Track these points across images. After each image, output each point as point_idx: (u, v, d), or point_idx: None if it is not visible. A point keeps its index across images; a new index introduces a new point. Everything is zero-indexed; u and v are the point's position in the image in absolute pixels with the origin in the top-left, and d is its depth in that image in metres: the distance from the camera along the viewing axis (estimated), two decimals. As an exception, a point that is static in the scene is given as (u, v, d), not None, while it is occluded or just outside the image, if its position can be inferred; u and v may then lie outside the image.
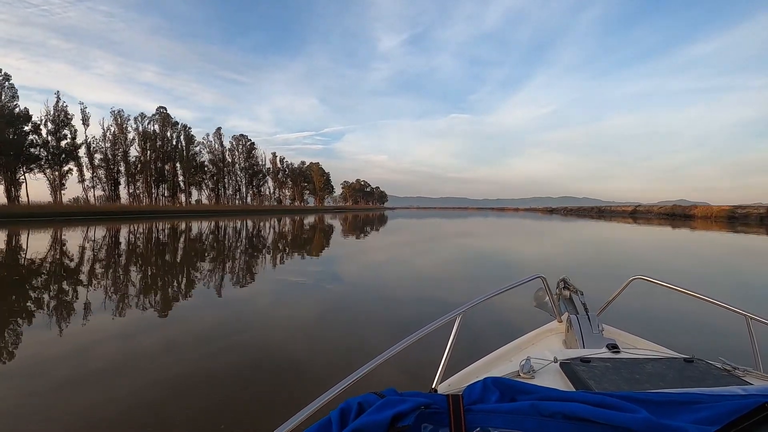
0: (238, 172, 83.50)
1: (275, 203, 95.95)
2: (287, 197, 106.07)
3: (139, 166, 61.86)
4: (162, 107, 66.53)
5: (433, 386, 1.27)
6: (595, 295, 2.18)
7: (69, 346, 3.72)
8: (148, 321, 4.59)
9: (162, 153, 64.93)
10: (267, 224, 29.65)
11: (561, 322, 1.97)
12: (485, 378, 0.81)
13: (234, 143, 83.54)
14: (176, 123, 67.54)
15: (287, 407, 2.46)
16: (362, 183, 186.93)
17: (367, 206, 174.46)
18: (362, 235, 19.81)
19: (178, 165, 67.87)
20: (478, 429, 0.71)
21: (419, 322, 1.26)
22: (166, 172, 65.91)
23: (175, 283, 7.10)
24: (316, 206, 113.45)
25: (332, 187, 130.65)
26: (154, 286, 6.73)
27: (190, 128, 69.59)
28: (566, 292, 2.02)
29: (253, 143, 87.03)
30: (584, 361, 1.14)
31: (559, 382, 1.06)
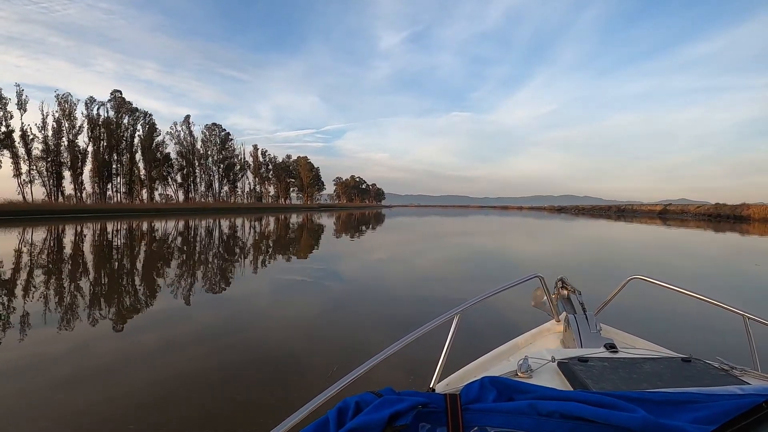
0: (211, 166, 73.64)
1: (256, 200, 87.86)
2: (270, 194, 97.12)
3: (86, 157, 52.63)
4: (117, 90, 56.47)
5: (431, 385, 1.27)
6: (593, 295, 2.18)
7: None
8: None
9: (115, 142, 55.23)
10: (224, 224, 26.08)
11: (559, 321, 1.97)
12: (483, 377, 0.80)
13: (206, 133, 72.96)
14: (135, 109, 58.08)
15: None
16: (357, 179, 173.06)
17: (361, 204, 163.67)
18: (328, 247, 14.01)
19: (139, 157, 59.29)
20: (475, 428, 0.70)
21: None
22: (121, 164, 57.23)
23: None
24: (303, 204, 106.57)
25: (322, 183, 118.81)
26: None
27: (151, 115, 60.49)
28: (564, 292, 2.02)
29: (228, 133, 76.65)
30: (582, 360, 1.14)
31: (557, 382, 1.06)
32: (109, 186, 56.95)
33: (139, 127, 59.47)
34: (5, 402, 2.74)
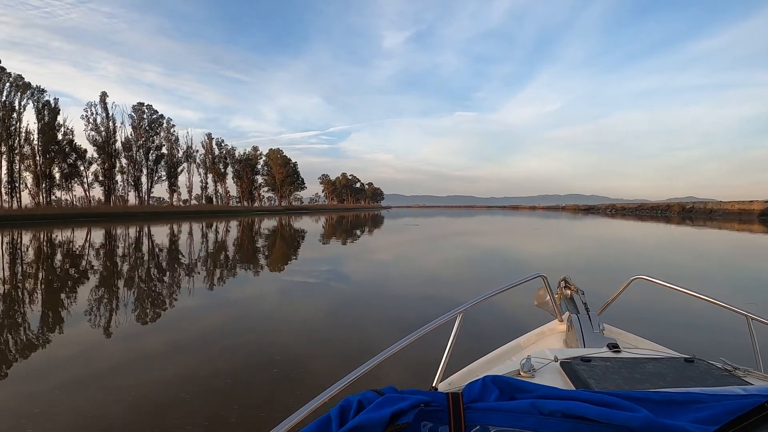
0: (140, 158, 56.21)
1: (206, 201, 69.68)
2: (231, 195, 77.82)
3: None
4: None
5: (433, 384, 1.27)
6: (596, 295, 2.18)
7: None
8: None
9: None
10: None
11: (562, 321, 1.97)
12: (485, 376, 0.81)
13: (135, 116, 55.34)
14: (26, 85, 42.22)
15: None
16: (350, 177, 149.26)
17: (354, 206, 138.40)
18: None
19: (25, 145, 42.74)
20: (477, 427, 0.71)
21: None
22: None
23: None
24: (272, 206, 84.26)
25: (301, 180, 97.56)
26: None
27: (44, 90, 43.84)
28: (567, 292, 2.02)
29: (161, 115, 58.15)
30: (585, 360, 1.14)
31: (559, 381, 1.05)
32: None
33: (32, 107, 42.83)
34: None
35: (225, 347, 3.86)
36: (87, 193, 52.27)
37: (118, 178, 54.37)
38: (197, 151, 68.24)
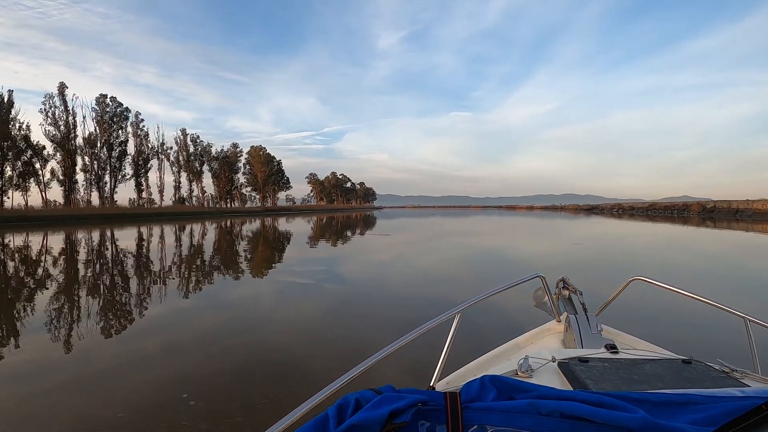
0: (105, 155, 49.75)
1: (177, 202, 61.81)
2: (207, 194, 70.27)
3: None
4: None
5: (431, 384, 1.27)
6: (595, 296, 2.18)
7: None
8: None
9: None
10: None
11: (560, 321, 1.97)
12: (483, 376, 0.81)
13: (99, 110, 49.52)
14: None
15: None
16: (340, 177, 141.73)
17: (344, 206, 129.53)
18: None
19: None
20: (475, 427, 0.71)
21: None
22: None
23: None
24: (249, 207, 75.77)
25: (287, 180, 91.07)
26: None
27: None
28: (565, 292, 2.02)
29: (126, 108, 52.15)
30: (582, 360, 1.14)
31: (557, 382, 1.06)
32: None
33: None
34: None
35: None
36: (43, 194, 45.81)
37: (80, 177, 48.21)
38: (171, 148, 61.61)
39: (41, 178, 45.92)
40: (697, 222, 30.97)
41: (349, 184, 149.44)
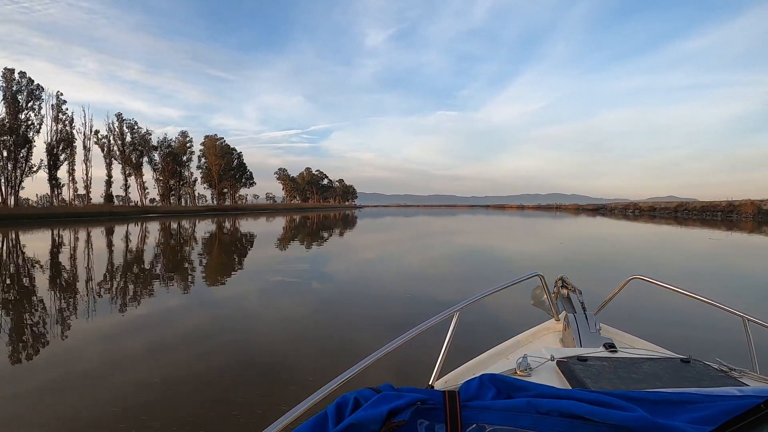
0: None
1: (105, 200, 50.34)
2: (147, 191, 58.14)
3: None
4: None
5: (430, 382, 1.28)
6: (593, 295, 2.18)
7: None
8: None
9: None
10: None
11: (558, 320, 1.97)
12: (481, 375, 0.81)
13: (4, 86, 39.12)
14: None
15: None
16: (316, 173, 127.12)
17: (322, 205, 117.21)
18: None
19: None
20: (473, 425, 0.71)
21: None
22: None
23: None
24: (184, 207, 60.20)
25: (250, 175, 78.61)
26: None
27: None
28: (564, 291, 2.02)
29: (39, 86, 41.65)
30: (581, 359, 1.14)
31: (556, 380, 1.06)
32: None
33: None
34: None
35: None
36: None
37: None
38: (105, 136, 50.92)
39: None
40: (751, 227, 23.80)
41: (326, 181, 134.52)
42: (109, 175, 51.87)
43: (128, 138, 54.82)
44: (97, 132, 50.58)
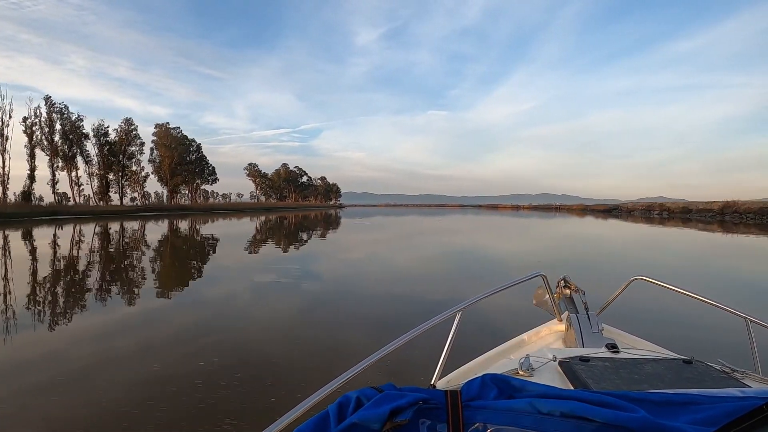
0: None
1: (22, 198, 38.34)
2: (80, 188, 49.33)
3: None
4: None
5: (432, 382, 1.28)
6: (596, 295, 2.18)
7: None
8: None
9: None
10: None
11: (561, 320, 1.97)
12: (484, 375, 0.81)
13: None
14: None
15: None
16: (293, 170, 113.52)
17: (300, 204, 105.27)
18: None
19: None
20: (475, 425, 0.71)
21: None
22: None
23: None
24: (119, 206, 48.63)
25: (212, 170, 68.74)
26: None
27: None
28: (567, 291, 2.02)
29: None
30: (583, 360, 1.14)
31: (558, 381, 1.06)
32: None
33: None
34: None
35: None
36: None
37: None
38: (34, 124, 41.86)
39: None
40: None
41: (305, 179, 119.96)
42: (32, 169, 41.63)
43: (57, 126, 45.35)
44: (26, 119, 41.92)
